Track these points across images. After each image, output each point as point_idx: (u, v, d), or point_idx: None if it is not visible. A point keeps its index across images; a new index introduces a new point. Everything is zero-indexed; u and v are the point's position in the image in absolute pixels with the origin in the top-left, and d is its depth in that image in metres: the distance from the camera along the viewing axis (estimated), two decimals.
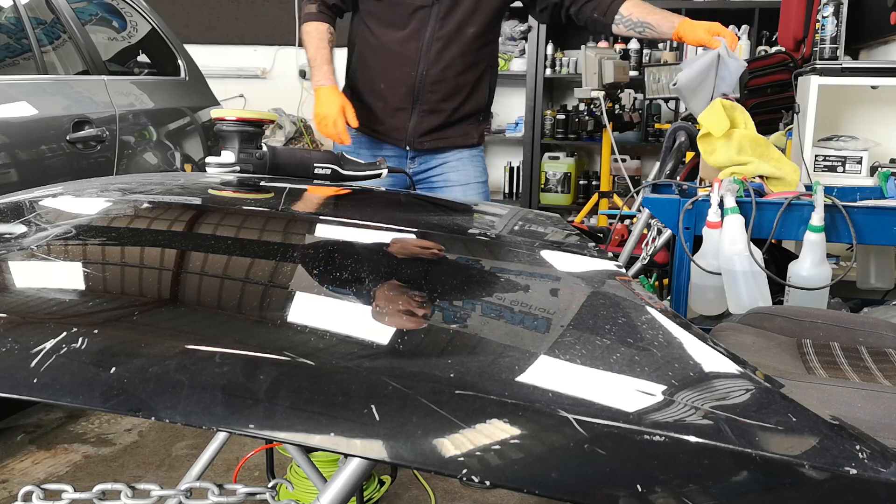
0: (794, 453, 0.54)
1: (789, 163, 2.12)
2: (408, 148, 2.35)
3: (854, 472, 0.52)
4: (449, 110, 2.32)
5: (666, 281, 2.82)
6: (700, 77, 2.12)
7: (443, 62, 2.22)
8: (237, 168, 1.48)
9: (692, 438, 0.52)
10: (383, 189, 1.66)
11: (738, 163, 2.06)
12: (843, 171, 2.76)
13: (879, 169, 2.38)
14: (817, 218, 1.91)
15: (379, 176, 1.65)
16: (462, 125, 2.39)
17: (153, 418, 0.53)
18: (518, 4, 2.40)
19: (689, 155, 3.05)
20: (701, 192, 2.05)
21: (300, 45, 6.02)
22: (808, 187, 2.09)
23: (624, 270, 0.93)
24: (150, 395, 0.54)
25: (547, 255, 1.01)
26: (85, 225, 0.92)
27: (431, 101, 2.28)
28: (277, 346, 0.59)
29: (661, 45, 5.37)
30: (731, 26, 5.03)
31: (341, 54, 2.29)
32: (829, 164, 2.79)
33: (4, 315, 0.63)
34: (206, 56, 4.76)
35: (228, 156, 1.48)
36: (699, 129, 2.10)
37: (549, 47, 5.46)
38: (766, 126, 3.66)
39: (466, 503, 2.12)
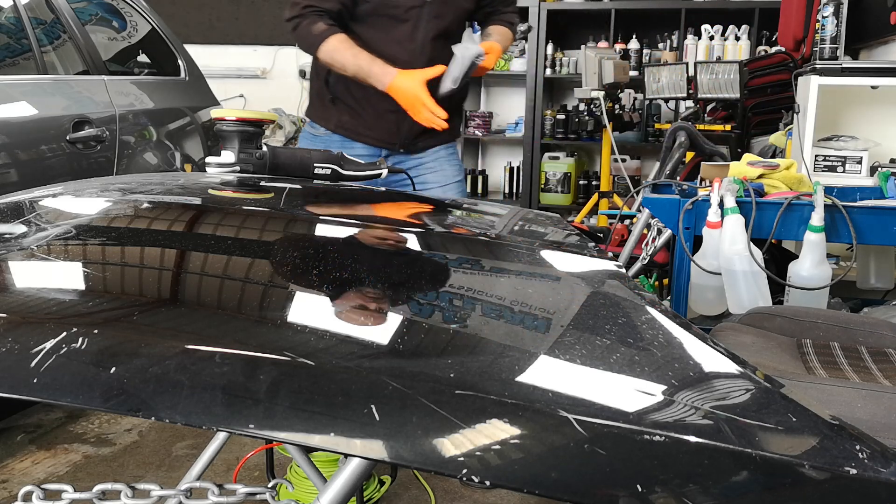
0: (794, 453, 0.54)
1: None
2: (401, 151, 2.31)
3: (854, 472, 0.52)
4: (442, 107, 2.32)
5: (666, 281, 2.82)
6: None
7: (437, 62, 2.17)
8: (237, 168, 1.48)
9: (692, 438, 0.52)
10: (383, 189, 1.66)
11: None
12: (843, 171, 2.76)
13: (879, 169, 2.38)
14: (817, 218, 1.92)
15: (379, 176, 1.65)
16: (451, 122, 2.32)
17: (153, 418, 0.53)
18: None
19: (689, 155, 3.06)
20: (701, 192, 2.05)
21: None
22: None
23: (624, 270, 0.93)
24: (150, 395, 0.54)
25: (547, 255, 1.01)
26: (85, 225, 0.92)
27: None
28: (277, 346, 0.59)
29: (661, 45, 5.38)
30: (731, 26, 5.04)
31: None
32: (829, 164, 2.79)
33: (4, 315, 0.63)
34: (206, 56, 4.76)
35: (228, 156, 1.48)
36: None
37: (549, 47, 5.46)
38: (766, 126, 3.66)
39: (466, 503, 2.12)
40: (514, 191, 5.75)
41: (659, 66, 4.21)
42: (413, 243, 1.01)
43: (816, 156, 2.79)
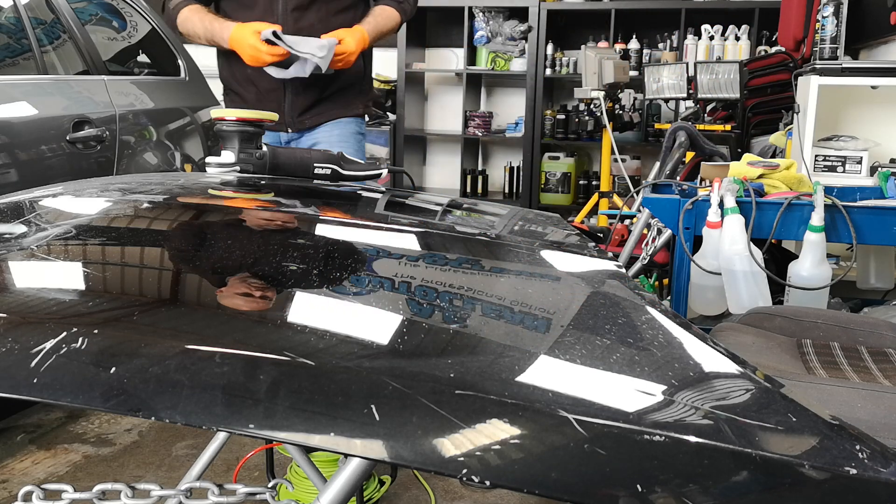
0: (794, 453, 0.54)
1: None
2: (289, 130, 2.30)
3: (854, 472, 0.52)
4: (322, 84, 2.27)
5: (666, 281, 2.82)
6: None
7: (302, 34, 2.15)
8: (237, 168, 1.48)
9: (692, 438, 0.52)
10: (384, 189, 1.66)
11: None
12: (843, 171, 2.76)
13: (879, 169, 2.38)
14: (817, 218, 1.92)
15: (379, 176, 1.65)
16: (343, 96, 2.33)
17: (153, 418, 0.53)
18: None
19: (689, 155, 3.06)
20: (701, 192, 2.05)
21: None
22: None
23: (624, 270, 0.93)
24: (150, 395, 0.54)
25: (547, 255, 1.01)
26: (85, 225, 0.92)
27: (302, 77, 2.19)
28: (277, 346, 0.59)
29: (661, 45, 5.38)
30: (731, 26, 5.04)
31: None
32: (829, 164, 2.78)
33: (4, 315, 0.63)
34: (206, 56, 4.75)
35: (228, 156, 1.48)
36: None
37: (549, 47, 5.46)
38: (766, 126, 3.66)
39: (466, 503, 2.12)
40: (514, 191, 5.75)
41: (659, 66, 4.21)
42: (413, 243, 1.00)
43: (816, 156, 2.79)
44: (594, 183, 5.38)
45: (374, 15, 2.28)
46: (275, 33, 2.06)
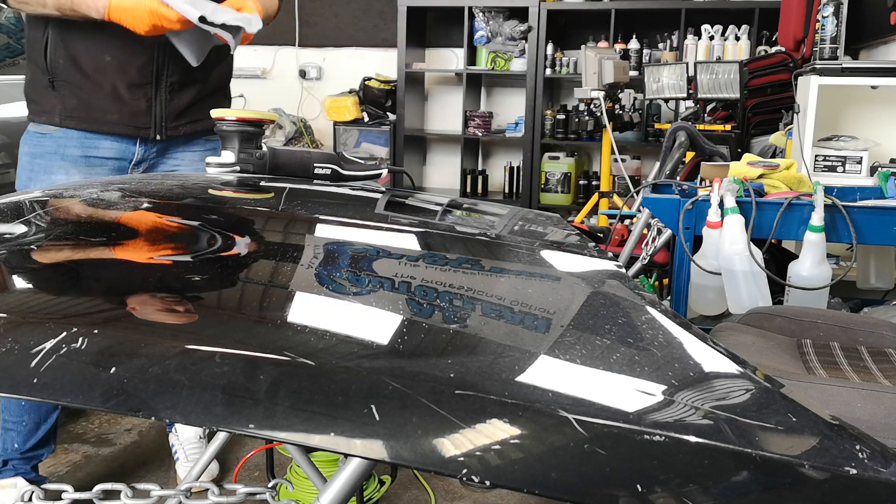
0: (794, 453, 0.54)
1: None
2: (158, 138, 1.82)
3: (854, 472, 0.52)
4: (201, 80, 1.87)
5: (666, 281, 2.82)
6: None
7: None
8: (237, 168, 1.48)
9: (692, 438, 0.52)
10: (384, 189, 1.66)
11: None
12: (843, 171, 2.76)
13: (879, 169, 2.38)
14: (817, 218, 1.92)
15: (379, 176, 1.65)
16: (214, 99, 1.92)
17: (153, 418, 0.53)
18: None
19: (689, 155, 3.06)
20: (701, 192, 2.05)
21: (300, 44, 6.03)
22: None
23: (624, 270, 0.93)
24: (150, 395, 0.54)
25: (547, 255, 1.01)
26: (85, 225, 0.92)
27: (181, 69, 1.77)
28: (277, 346, 0.59)
29: (661, 45, 5.38)
30: (731, 26, 5.04)
31: None
32: (829, 164, 2.79)
33: (4, 315, 0.63)
34: None
35: (228, 156, 1.48)
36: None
37: (549, 47, 5.46)
38: (766, 126, 3.66)
39: (466, 503, 2.12)
40: (514, 191, 5.75)
41: (659, 66, 4.21)
42: (413, 243, 1.01)
43: (816, 156, 2.80)
44: (594, 183, 5.37)
45: None
46: None
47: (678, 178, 2.87)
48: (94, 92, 1.75)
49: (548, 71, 5.47)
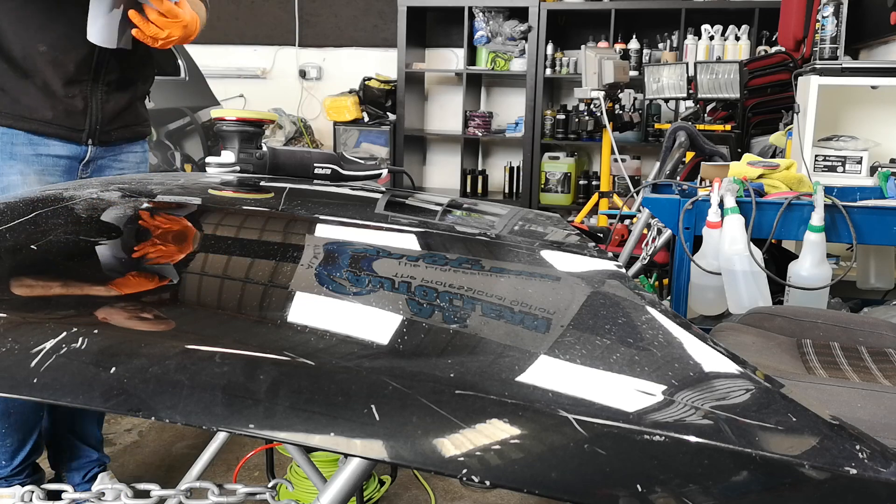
0: (795, 453, 0.54)
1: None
2: (90, 143, 1.65)
3: (854, 472, 0.52)
4: (137, 80, 1.73)
5: (666, 281, 2.82)
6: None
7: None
8: (237, 168, 1.48)
9: (692, 438, 0.52)
10: (384, 189, 1.66)
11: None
12: (843, 171, 2.76)
13: (879, 169, 2.38)
14: (817, 218, 1.92)
15: (379, 176, 1.65)
16: (139, 105, 1.77)
17: (153, 418, 0.53)
18: None
19: (689, 155, 3.06)
20: (701, 192, 2.05)
21: (300, 44, 6.04)
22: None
23: (624, 270, 0.93)
24: (150, 395, 0.54)
25: (547, 255, 1.01)
26: (85, 224, 0.92)
27: (119, 67, 1.63)
28: (277, 346, 0.59)
29: (660, 45, 5.38)
30: (731, 26, 5.04)
31: None
32: (829, 164, 2.79)
33: (4, 315, 0.63)
34: (206, 56, 4.76)
35: (228, 156, 1.48)
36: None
37: (549, 47, 5.46)
38: (766, 126, 3.67)
39: (466, 503, 2.12)
40: (514, 191, 5.75)
41: (659, 66, 4.21)
42: (413, 243, 1.01)
43: (816, 156, 2.80)
44: (594, 183, 5.37)
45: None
46: None
47: (678, 178, 2.87)
48: (23, 87, 1.54)
49: (548, 71, 5.47)
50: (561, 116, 5.49)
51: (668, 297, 2.36)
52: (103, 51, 1.57)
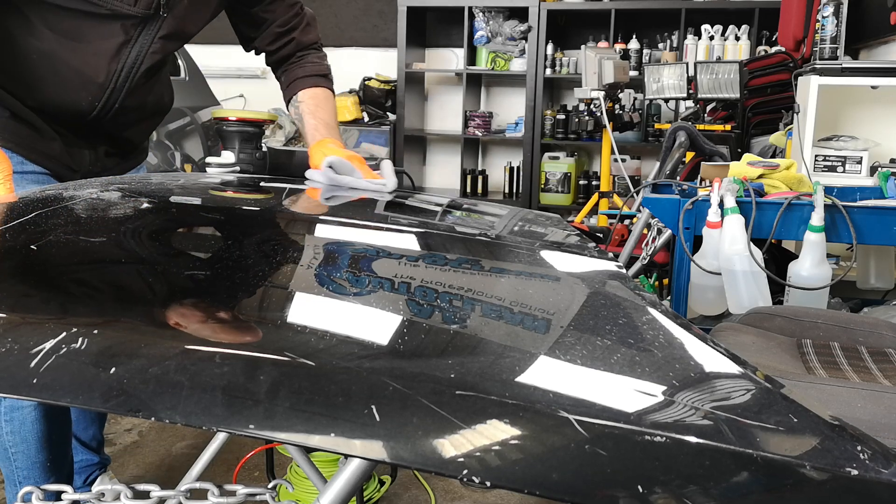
0: (795, 454, 0.54)
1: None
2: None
3: (855, 472, 0.52)
4: (138, 146, 1.80)
5: (666, 281, 2.82)
6: None
7: (145, 89, 1.59)
8: (237, 168, 1.48)
9: (692, 439, 0.52)
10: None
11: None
12: (843, 171, 2.76)
13: (879, 169, 2.38)
14: (817, 218, 1.92)
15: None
16: (134, 142, 1.78)
17: (153, 418, 0.53)
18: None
19: (689, 155, 3.06)
20: (701, 192, 2.05)
21: None
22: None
23: (624, 270, 0.93)
24: (150, 395, 0.54)
25: (547, 255, 1.01)
26: (85, 225, 0.92)
27: (115, 127, 1.63)
28: (277, 347, 0.59)
29: (660, 46, 5.38)
30: (731, 26, 5.04)
31: None
32: (829, 164, 2.79)
33: (4, 315, 0.62)
34: (206, 56, 4.76)
35: (228, 156, 1.48)
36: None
37: (549, 47, 5.46)
38: (766, 126, 3.67)
39: (466, 503, 2.12)
40: (514, 191, 5.75)
41: (659, 66, 4.21)
42: (413, 243, 1.01)
43: (816, 156, 2.80)
44: (594, 183, 5.38)
45: (317, 110, 1.65)
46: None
47: (678, 178, 2.87)
48: (26, 127, 1.51)
49: (548, 71, 5.48)
50: (561, 116, 5.50)
51: (668, 297, 2.36)
52: (100, 118, 1.55)
